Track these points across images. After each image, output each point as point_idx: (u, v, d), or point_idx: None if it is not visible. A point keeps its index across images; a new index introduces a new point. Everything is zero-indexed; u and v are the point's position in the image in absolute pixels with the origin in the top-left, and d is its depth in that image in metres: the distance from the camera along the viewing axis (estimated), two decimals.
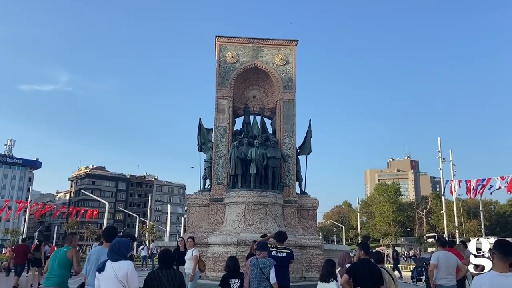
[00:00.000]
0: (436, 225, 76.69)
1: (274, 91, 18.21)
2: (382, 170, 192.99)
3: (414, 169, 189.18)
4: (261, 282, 6.52)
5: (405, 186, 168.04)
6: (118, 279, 4.63)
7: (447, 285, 7.96)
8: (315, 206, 17.07)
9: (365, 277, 6.13)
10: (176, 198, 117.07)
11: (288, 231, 15.18)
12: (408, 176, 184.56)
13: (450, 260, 8.13)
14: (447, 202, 47.51)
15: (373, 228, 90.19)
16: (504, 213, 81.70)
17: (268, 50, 17.96)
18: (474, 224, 67.87)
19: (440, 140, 40.20)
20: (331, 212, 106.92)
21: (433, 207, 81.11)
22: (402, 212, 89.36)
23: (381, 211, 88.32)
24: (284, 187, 16.67)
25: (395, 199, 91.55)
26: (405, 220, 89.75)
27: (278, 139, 17.22)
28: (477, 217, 64.80)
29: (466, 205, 67.85)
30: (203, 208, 16.40)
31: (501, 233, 72.23)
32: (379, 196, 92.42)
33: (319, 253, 15.29)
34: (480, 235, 56.15)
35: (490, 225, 74.27)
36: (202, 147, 18.03)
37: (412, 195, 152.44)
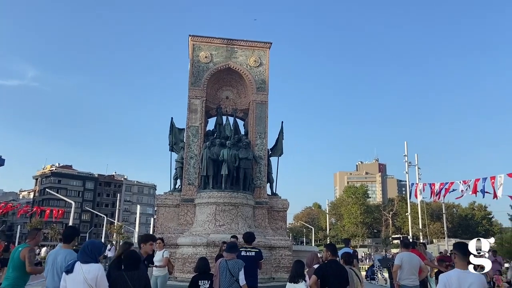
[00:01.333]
0: (402, 227, 78.92)
1: (247, 93, 18.27)
2: (351, 172, 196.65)
3: (381, 172, 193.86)
4: (231, 284, 6.50)
5: (373, 188, 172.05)
6: (87, 282, 4.51)
7: (410, 285, 8.20)
8: (285, 207, 17.23)
9: (333, 278, 6.23)
10: (146, 198, 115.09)
11: (258, 232, 15.33)
12: (376, 179, 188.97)
13: (413, 261, 8.38)
14: (412, 205, 48.92)
15: (341, 229, 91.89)
16: (466, 216, 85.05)
17: (242, 52, 18.00)
18: (437, 226, 70.35)
19: (406, 145, 41.36)
20: (301, 214, 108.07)
21: (399, 209, 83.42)
22: (369, 214, 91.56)
23: (349, 212, 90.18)
24: (255, 188, 16.74)
25: (363, 201, 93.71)
26: (372, 222, 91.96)
27: (251, 140, 17.28)
28: (440, 219, 67.05)
29: (430, 208, 70.26)
30: (173, 208, 16.24)
31: (463, 235, 75.08)
32: (348, 198, 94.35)
33: (288, 254, 15.44)
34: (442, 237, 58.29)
35: (453, 227, 77.12)
36: (174, 147, 17.87)
37: (379, 198, 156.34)
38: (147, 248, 6.17)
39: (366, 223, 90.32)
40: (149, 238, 6.36)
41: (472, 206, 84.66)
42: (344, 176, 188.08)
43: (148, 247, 6.18)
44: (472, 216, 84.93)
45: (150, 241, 6.27)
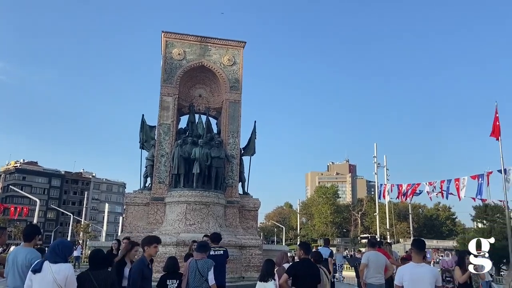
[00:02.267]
0: (370, 227, 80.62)
1: (220, 91, 18.18)
2: (322, 173, 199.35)
3: (351, 173, 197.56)
4: (200, 284, 6.46)
5: (343, 189, 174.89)
6: (56, 282, 4.39)
7: (376, 284, 8.35)
8: (256, 206, 17.26)
9: (304, 276, 6.29)
10: (115, 196, 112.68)
11: (229, 231, 15.31)
12: (346, 180, 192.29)
13: (379, 260, 8.54)
14: (381, 205, 50.11)
15: (311, 229, 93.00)
16: (431, 216, 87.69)
17: (215, 50, 17.90)
18: (404, 226, 72.28)
19: (376, 146, 42.35)
20: (272, 213, 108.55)
21: (367, 210, 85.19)
22: (339, 214, 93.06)
23: (320, 212, 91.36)
24: (227, 187, 16.68)
25: (334, 201, 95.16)
26: (341, 221, 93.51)
27: (223, 139, 17.21)
28: (406, 219, 68.92)
29: (397, 208, 72.09)
30: (142, 207, 15.97)
31: (428, 235, 77.46)
32: (319, 198, 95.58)
33: (258, 253, 15.48)
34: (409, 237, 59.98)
35: (418, 227, 79.40)
36: (144, 145, 17.55)
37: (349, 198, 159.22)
38: (151, 250, 5.95)
39: (336, 223, 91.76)
40: (153, 240, 6.06)
41: (437, 207, 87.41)
42: (315, 176, 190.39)
43: (152, 250, 5.95)
44: (437, 216, 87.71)
45: (155, 243, 6.01)
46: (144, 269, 5.67)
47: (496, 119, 22.04)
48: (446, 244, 56.91)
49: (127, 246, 6.39)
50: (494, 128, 22.42)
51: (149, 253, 5.92)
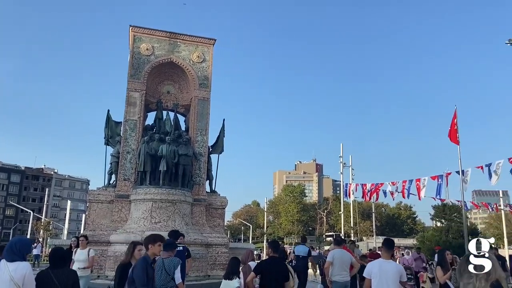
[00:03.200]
0: (335, 225, 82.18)
1: (189, 88, 18.02)
2: (290, 172, 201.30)
3: (318, 172, 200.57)
4: (166, 283, 6.39)
5: (309, 188, 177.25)
6: (14, 281, 4.23)
7: (341, 281, 8.51)
8: (223, 205, 17.25)
9: (271, 274, 6.34)
10: (77, 193, 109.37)
11: (195, 230, 15.23)
12: (313, 179, 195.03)
13: (344, 258, 8.70)
14: (345, 204, 51.18)
15: (278, 227, 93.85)
16: (393, 215, 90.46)
17: (185, 46, 17.72)
18: (367, 224, 74.13)
19: (342, 146, 43.22)
20: (240, 211, 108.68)
21: (333, 208, 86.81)
22: (305, 212, 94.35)
23: (286, 211, 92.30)
24: (194, 185, 16.57)
25: (300, 200, 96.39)
26: (307, 220, 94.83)
27: (191, 136, 17.08)
28: (370, 218, 70.75)
29: (361, 207, 73.87)
30: (106, 204, 15.61)
31: (390, 233, 79.83)
32: (286, 196, 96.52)
33: (224, 251, 15.49)
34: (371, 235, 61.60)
35: (381, 225, 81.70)
36: (109, 141, 17.15)
37: (315, 197, 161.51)
38: (155, 249, 5.74)
39: (302, 221, 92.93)
40: (157, 239, 5.84)
41: (399, 206, 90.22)
42: (283, 175, 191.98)
43: (156, 249, 5.73)
44: (398, 215, 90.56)
45: (159, 242, 5.80)
46: (148, 268, 5.49)
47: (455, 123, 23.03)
48: (407, 242, 58.87)
49: (130, 247, 6.10)
50: (451, 131, 23.42)
51: (153, 252, 5.73)
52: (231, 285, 6.35)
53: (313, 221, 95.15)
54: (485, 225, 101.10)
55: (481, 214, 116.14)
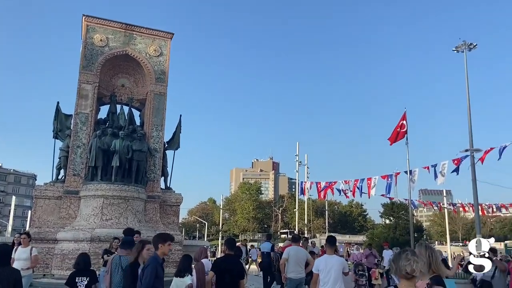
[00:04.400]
0: (290, 222, 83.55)
1: (145, 82, 17.60)
2: (247, 169, 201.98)
3: (275, 170, 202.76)
4: (122, 280, 6.28)
5: (266, 185, 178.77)
6: None
7: (296, 278, 8.57)
8: (178, 201, 17.03)
9: (226, 271, 6.35)
10: (23, 189, 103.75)
11: (148, 227, 14.93)
12: (269, 176, 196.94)
13: (299, 255, 8.75)
14: (300, 202, 52.14)
15: (234, 225, 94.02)
16: (345, 213, 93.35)
17: (141, 39, 17.28)
18: (320, 221, 76.01)
19: (298, 145, 43.99)
20: (195, 208, 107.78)
21: (288, 206, 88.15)
22: (261, 210, 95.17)
23: (242, 208, 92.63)
24: (148, 181, 16.23)
25: (256, 197, 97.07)
26: (263, 217, 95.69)
27: (146, 132, 16.70)
28: (323, 215, 72.59)
29: (315, 205, 75.61)
30: (54, 201, 14.94)
31: (341, 230, 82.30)
32: (242, 194, 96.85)
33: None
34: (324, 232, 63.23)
35: (333, 223, 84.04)
36: (58, 134, 16.43)
37: (271, 194, 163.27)
38: (165, 249, 5.61)
39: (257, 218, 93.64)
40: (168, 238, 5.74)
41: (351, 204, 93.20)
42: (240, 173, 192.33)
43: (166, 248, 5.61)
44: (350, 213, 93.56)
45: (169, 241, 5.68)
46: (158, 268, 5.34)
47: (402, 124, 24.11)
48: (357, 238, 60.94)
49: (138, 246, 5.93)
50: (395, 132, 24.49)
51: (163, 251, 5.59)
52: (182, 283, 6.30)
53: (268, 218, 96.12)
54: (429, 223, 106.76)
55: (426, 212, 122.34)
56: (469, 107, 24.79)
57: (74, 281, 6.02)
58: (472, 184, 23.77)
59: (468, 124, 24.54)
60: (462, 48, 26.23)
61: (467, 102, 24.90)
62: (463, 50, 26.15)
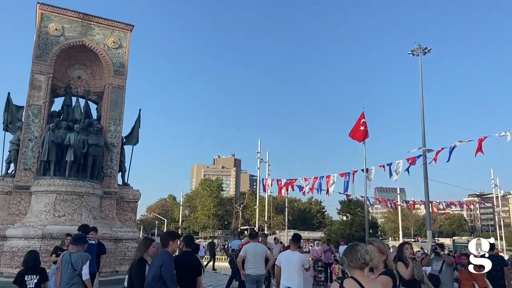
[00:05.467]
0: (250, 219, 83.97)
1: (103, 75, 17.06)
2: (208, 166, 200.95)
3: (236, 167, 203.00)
4: (71, 278, 6.11)
5: (227, 182, 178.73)
6: None
7: (254, 274, 8.52)
8: (136, 198, 16.68)
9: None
10: None
11: (104, 224, 14.54)
12: (231, 173, 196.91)
13: (257, 251, 8.71)
14: (261, 198, 52.50)
15: (194, 221, 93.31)
16: (305, 210, 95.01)
17: (99, 30, 16.72)
18: (280, 218, 76.93)
19: (260, 143, 44.26)
20: (155, 205, 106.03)
21: (249, 203, 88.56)
22: (222, 207, 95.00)
23: (203, 205, 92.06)
24: (104, 177, 15.77)
25: (217, 194, 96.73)
26: (224, 214, 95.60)
27: (103, 126, 16.22)
28: (283, 212, 73.50)
29: (275, 202, 76.43)
30: (3, 196, 14.20)
31: (301, 226, 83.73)
32: (203, 191, 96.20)
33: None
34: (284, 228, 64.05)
35: (293, 219, 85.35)
36: (9, 126, 15.62)
37: (232, 191, 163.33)
38: (175, 246, 5.87)
39: (218, 215, 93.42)
40: (176, 236, 6.03)
41: (310, 201, 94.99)
42: (201, 169, 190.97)
43: (175, 245, 5.89)
44: (309, 210, 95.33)
45: (177, 239, 5.94)
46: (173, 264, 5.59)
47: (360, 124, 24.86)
48: (316, 235, 62.32)
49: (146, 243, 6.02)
50: (355, 131, 25.26)
51: (173, 249, 5.81)
52: None
53: (229, 215, 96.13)
54: (384, 219, 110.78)
55: (381, 209, 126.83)
56: (423, 109, 25.95)
57: (23, 280, 5.78)
58: (424, 183, 24.94)
59: (422, 125, 25.68)
60: (417, 52, 27.45)
61: (421, 104, 26.05)
62: (418, 54, 27.37)
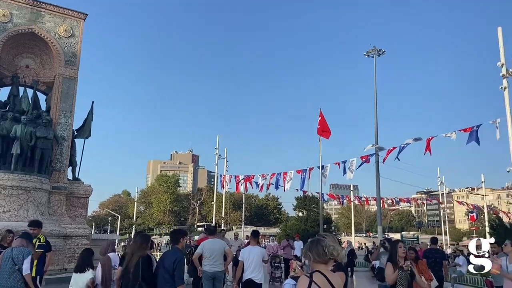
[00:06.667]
0: (207, 215, 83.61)
1: (53, 64, 16.30)
2: (165, 161, 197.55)
3: (194, 163, 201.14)
4: (11, 274, 5.91)
5: (184, 178, 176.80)
6: None
7: (211, 271, 8.42)
8: (87, 193, 16.10)
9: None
10: None
11: (52, 220, 13.96)
12: (188, 169, 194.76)
13: (215, 247, 8.56)
14: (218, 195, 52.36)
15: (149, 218, 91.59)
16: (262, 206, 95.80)
17: (50, 17, 15.95)
18: (237, 214, 77.16)
19: (218, 138, 44.04)
20: (108, 201, 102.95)
21: (206, 199, 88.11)
22: (178, 203, 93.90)
23: (159, 201, 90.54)
24: (54, 171, 15.11)
25: (174, 190, 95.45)
26: (180, 210, 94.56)
27: (53, 118, 15.51)
28: (240, 208, 73.74)
29: (233, 198, 76.51)
30: None
31: (258, 222, 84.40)
32: (159, 186, 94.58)
33: (85, 243, 14.49)
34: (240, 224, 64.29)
35: (250, 215, 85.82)
36: None
37: (190, 187, 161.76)
38: (183, 243, 6.34)
39: (174, 212, 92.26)
40: (184, 233, 6.58)
41: (267, 197, 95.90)
42: (157, 165, 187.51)
43: (184, 242, 6.33)
44: (266, 206, 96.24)
45: (186, 236, 6.59)
46: None
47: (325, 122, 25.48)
48: (272, 231, 63.02)
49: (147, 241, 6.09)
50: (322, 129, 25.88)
51: (182, 245, 6.20)
52: (83, 278, 6.01)
53: (186, 211, 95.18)
54: (338, 215, 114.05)
55: (335, 205, 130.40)
56: (376, 108, 26.90)
57: None
58: (375, 180, 25.91)
59: (375, 124, 26.62)
60: (372, 53, 28.39)
61: (375, 104, 26.99)
62: (373, 55, 28.32)
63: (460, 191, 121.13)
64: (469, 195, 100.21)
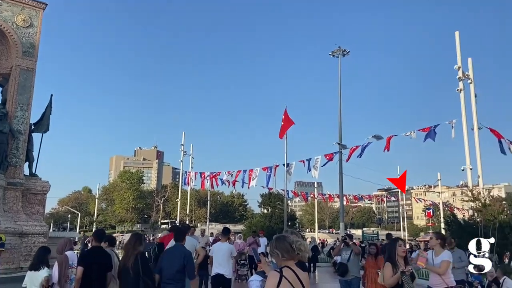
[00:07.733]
0: (171, 212, 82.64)
1: (10, 55, 15.56)
2: (128, 157, 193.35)
3: (159, 159, 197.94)
4: None
5: (148, 174, 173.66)
6: None
7: None
8: (45, 190, 15.53)
9: (94, 264, 6.10)
10: None
11: (7, 217, 13.40)
12: (153, 166, 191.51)
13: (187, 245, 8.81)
14: (183, 192, 51.84)
15: (111, 215, 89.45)
16: (227, 203, 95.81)
17: (8, 6, 15.21)
18: (202, 211, 76.72)
19: (184, 135, 43.63)
20: (67, 198, 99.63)
21: (171, 196, 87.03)
22: (142, 200, 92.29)
23: (122, 198, 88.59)
24: (9, 167, 14.45)
25: (137, 186, 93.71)
26: (143, 207, 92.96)
27: (9, 111, 14.82)
28: (205, 205, 73.39)
29: (198, 195, 76.02)
30: None
31: (223, 219, 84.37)
32: (122, 183, 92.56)
33: (42, 241, 13.96)
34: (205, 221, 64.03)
35: (215, 212, 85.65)
36: None
37: (154, 184, 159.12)
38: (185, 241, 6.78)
39: (137, 209, 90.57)
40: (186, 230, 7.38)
41: (233, 194, 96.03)
42: (120, 161, 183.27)
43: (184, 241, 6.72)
44: (232, 203, 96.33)
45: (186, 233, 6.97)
46: None
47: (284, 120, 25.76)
48: (237, 228, 63.12)
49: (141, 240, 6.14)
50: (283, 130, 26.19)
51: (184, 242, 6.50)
52: (38, 276, 5.82)
53: (149, 208, 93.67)
54: (302, 212, 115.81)
55: (300, 202, 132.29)
56: (340, 108, 27.51)
57: None
58: (338, 177, 26.53)
59: (339, 123, 27.22)
60: (337, 54, 29.00)
61: (339, 103, 27.59)
62: (338, 55, 28.93)
63: (418, 189, 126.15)
64: (427, 193, 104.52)
